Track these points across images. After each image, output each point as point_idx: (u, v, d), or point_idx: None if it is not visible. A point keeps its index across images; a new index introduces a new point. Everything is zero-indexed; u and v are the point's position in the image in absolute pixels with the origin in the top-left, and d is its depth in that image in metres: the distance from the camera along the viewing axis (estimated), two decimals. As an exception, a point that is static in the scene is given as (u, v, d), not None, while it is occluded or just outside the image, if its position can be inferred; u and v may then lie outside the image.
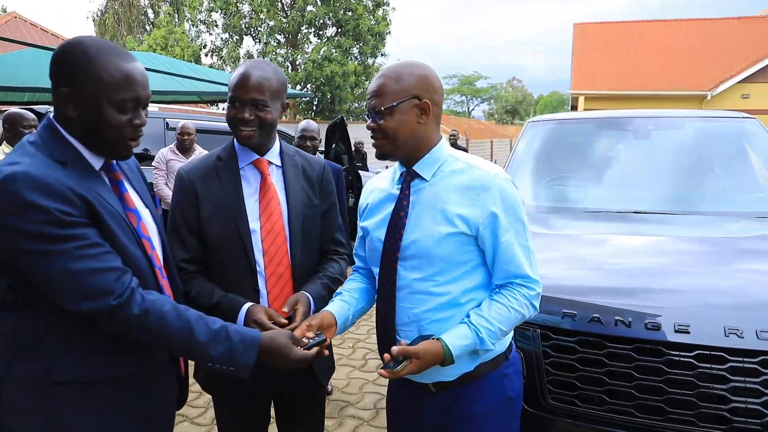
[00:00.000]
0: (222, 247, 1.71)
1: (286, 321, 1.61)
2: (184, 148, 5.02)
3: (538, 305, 1.55)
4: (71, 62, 1.24)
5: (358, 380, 3.97)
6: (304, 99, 22.02)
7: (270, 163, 1.79)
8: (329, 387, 3.67)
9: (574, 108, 22.25)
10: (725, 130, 3.52)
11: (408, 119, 1.51)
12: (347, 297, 1.72)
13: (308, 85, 21.92)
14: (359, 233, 1.78)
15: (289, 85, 20.48)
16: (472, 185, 1.50)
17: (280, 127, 7.38)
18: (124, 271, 1.25)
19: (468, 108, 65.95)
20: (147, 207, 1.46)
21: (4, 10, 23.61)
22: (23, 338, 1.23)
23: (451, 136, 12.56)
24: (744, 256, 2.25)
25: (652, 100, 19.12)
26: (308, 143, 3.84)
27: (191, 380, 1.75)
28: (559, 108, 55.51)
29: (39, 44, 8.42)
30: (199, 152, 5.19)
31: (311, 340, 1.48)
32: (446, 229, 1.48)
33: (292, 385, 1.85)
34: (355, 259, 1.83)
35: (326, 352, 1.53)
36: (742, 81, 19.14)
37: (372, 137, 1.56)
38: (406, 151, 1.55)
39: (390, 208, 1.60)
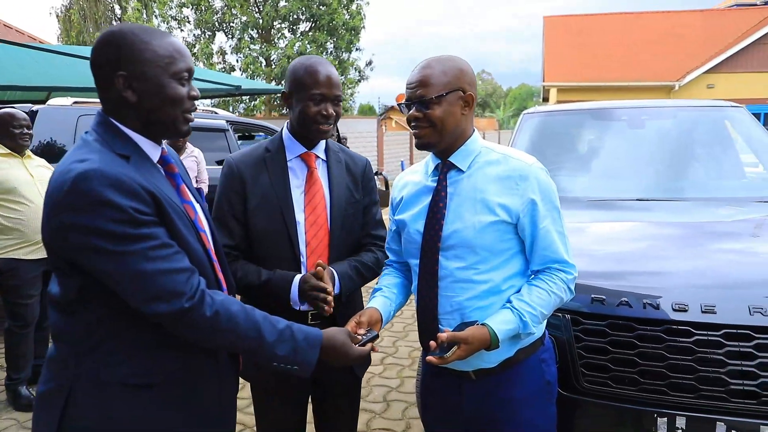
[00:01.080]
0: (267, 237, 1.75)
1: (331, 289, 1.65)
2: (177, 147, 4.93)
3: (573, 289, 1.60)
4: (125, 45, 1.22)
5: (365, 374, 3.98)
6: (279, 95, 21.80)
7: (317, 157, 1.82)
8: None
9: (545, 100, 22.63)
10: (714, 118, 3.65)
11: (454, 110, 1.55)
12: (387, 293, 1.75)
13: (283, 81, 21.68)
14: (391, 227, 1.81)
15: (264, 81, 20.26)
16: (511, 175, 1.54)
17: (264, 122, 7.23)
18: (192, 271, 1.23)
19: (439, 102, 66.10)
20: (196, 200, 1.45)
21: (-38, 7, 22.64)
22: (88, 342, 1.21)
23: None
24: (760, 237, 2.35)
25: (623, 91, 19.57)
26: None
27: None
28: (528, 100, 56.22)
29: (8, 40, 8.13)
30: (191, 151, 5.10)
31: (364, 337, 1.50)
32: (488, 218, 1.53)
33: (330, 378, 1.87)
34: (388, 253, 1.86)
35: (376, 348, 1.56)
36: (707, 72, 19.76)
37: (414, 127, 1.57)
38: (450, 141, 1.58)
39: (427, 200, 1.63)
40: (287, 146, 1.81)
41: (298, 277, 1.70)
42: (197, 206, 1.42)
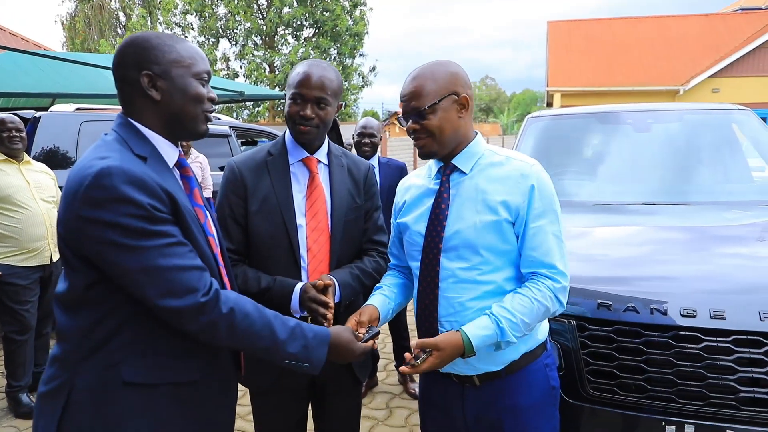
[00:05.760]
0: (268, 241, 1.73)
1: (332, 303, 1.64)
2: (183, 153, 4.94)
3: (564, 300, 1.53)
4: (150, 47, 1.27)
5: (367, 381, 3.94)
6: (283, 101, 21.85)
7: (318, 161, 1.81)
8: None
9: (549, 105, 22.57)
10: (720, 122, 3.61)
11: (450, 116, 1.54)
12: (387, 291, 1.74)
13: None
14: (393, 232, 1.79)
15: (268, 87, 20.30)
16: (512, 174, 1.53)
17: (267, 128, 7.30)
18: (204, 269, 1.24)
19: (443, 107, 66.19)
20: (206, 206, 1.45)
21: (-32, 16, 22.84)
22: (92, 340, 1.20)
23: None
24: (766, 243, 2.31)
25: (627, 96, 19.48)
26: (367, 140, 3.59)
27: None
28: (532, 105, 56.20)
29: (13, 47, 8.16)
30: (195, 156, 5.10)
31: (366, 334, 1.51)
32: (489, 217, 1.50)
33: (330, 381, 1.85)
34: (390, 257, 1.85)
35: (376, 345, 1.54)
36: (712, 76, 19.66)
37: (414, 138, 1.57)
38: (451, 146, 1.58)
39: (429, 202, 1.62)
40: (289, 150, 1.80)
41: (299, 286, 1.68)
42: (207, 211, 1.43)
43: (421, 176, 1.73)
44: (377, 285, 1.79)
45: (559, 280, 1.51)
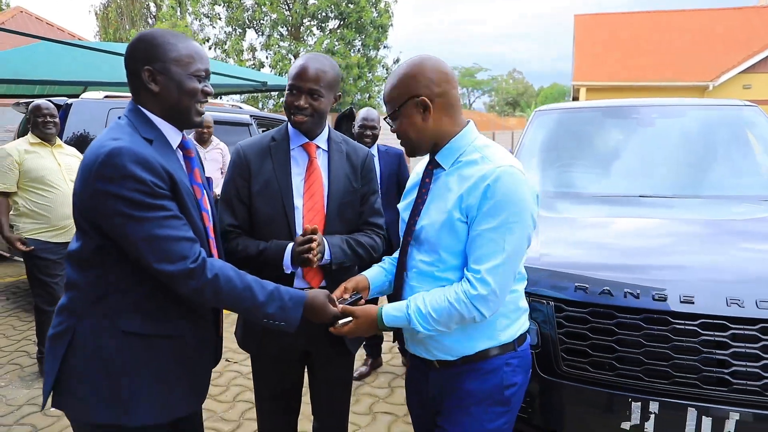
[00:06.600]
0: (268, 220, 1.89)
1: (316, 238, 1.77)
2: (203, 140, 5.17)
3: (485, 310, 1.44)
4: (154, 45, 1.44)
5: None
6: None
7: (318, 147, 1.96)
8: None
9: (575, 99, 22.29)
10: (727, 118, 3.65)
11: (411, 120, 1.54)
12: (387, 265, 1.83)
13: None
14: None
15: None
16: (475, 174, 1.48)
17: (280, 117, 7.36)
18: (195, 240, 1.42)
19: (469, 100, 65.89)
20: (204, 185, 1.63)
21: (8, 5, 23.65)
22: (97, 290, 1.40)
23: None
24: (744, 235, 2.39)
25: (654, 91, 19.16)
26: (368, 132, 3.66)
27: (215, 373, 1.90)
28: (560, 100, 55.43)
29: (48, 37, 8.50)
30: (216, 143, 5.31)
31: (349, 299, 1.66)
32: (445, 216, 1.51)
33: (323, 352, 2.02)
34: None
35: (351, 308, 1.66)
36: (744, 71, 19.18)
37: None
38: (424, 147, 1.60)
39: (416, 193, 1.71)
40: (291, 136, 1.95)
41: (290, 245, 1.83)
42: (204, 189, 1.61)
43: (423, 164, 1.77)
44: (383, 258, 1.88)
45: (477, 287, 1.43)
